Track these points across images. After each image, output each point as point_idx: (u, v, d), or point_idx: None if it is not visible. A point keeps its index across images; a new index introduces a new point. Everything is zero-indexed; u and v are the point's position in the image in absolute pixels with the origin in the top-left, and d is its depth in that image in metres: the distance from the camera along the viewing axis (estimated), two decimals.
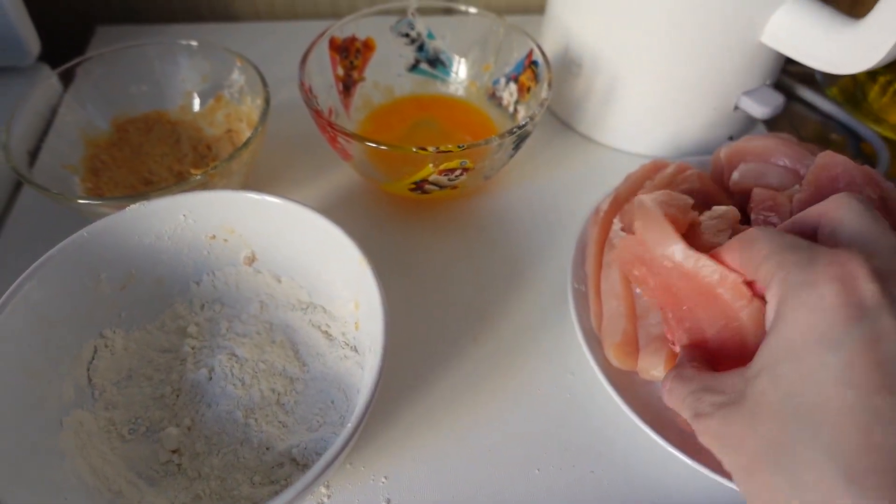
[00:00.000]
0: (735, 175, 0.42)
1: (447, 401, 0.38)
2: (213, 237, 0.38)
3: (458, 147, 0.39)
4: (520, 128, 0.40)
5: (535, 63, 0.46)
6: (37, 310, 0.33)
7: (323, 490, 0.35)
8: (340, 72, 0.49)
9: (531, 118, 0.41)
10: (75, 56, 0.47)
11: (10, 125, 0.41)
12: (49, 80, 0.45)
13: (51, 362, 0.34)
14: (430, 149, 0.39)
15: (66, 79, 0.46)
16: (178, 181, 0.47)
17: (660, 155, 0.52)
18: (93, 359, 0.36)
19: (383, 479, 0.35)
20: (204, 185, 0.40)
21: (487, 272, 0.45)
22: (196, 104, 0.50)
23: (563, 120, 0.55)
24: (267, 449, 0.34)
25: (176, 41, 0.48)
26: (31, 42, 0.52)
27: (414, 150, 0.39)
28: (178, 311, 0.39)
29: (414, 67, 0.52)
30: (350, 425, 0.28)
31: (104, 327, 0.37)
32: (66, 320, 0.35)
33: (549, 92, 0.43)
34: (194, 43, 0.47)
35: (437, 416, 0.38)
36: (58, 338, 0.35)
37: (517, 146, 0.43)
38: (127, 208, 0.36)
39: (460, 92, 0.52)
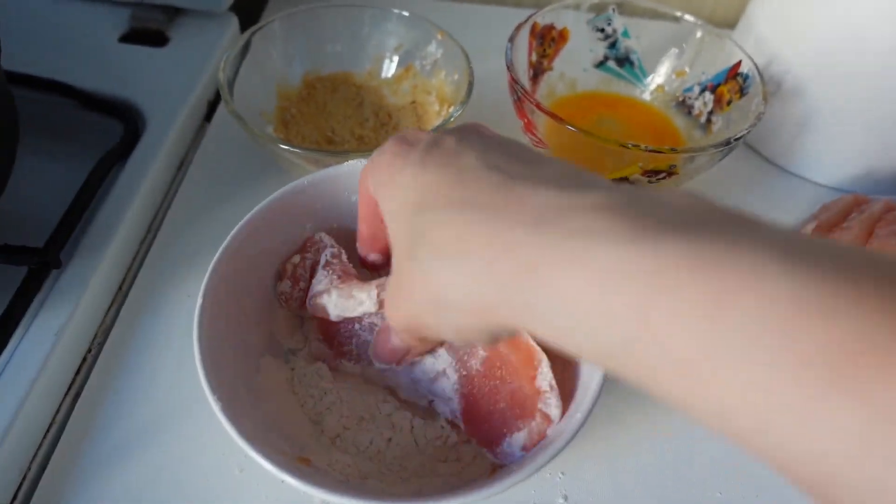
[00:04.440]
0: None
1: (629, 403, 0.37)
2: None
3: (672, 150, 0.38)
4: (736, 139, 0.39)
5: (742, 75, 0.45)
6: (250, 251, 0.34)
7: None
8: (534, 58, 0.48)
9: (749, 129, 0.39)
10: (256, 7, 0.46)
11: (227, 74, 0.42)
12: (264, 27, 0.45)
13: (254, 301, 0.35)
14: (643, 146, 0.38)
15: (275, 28, 0.46)
16: (359, 145, 0.47)
17: (847, 189, 0.49)
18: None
19: (560, 475, 0.35)
20: None
21: None
22: (384, 71, 0.50)
23: (745, 140, 0.53)
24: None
25: (389, 8, 0.48)
26: None
27: (629, 145, 0.38)
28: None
29: (601, 64, 0.51)
30: (580, 414, 0.27)
31: None
32: (269, 265, 0.35)
33: (763, 105, 0.41)
34: (406, 13, 0.47)
35: (619, 418, 0.37)
36: (264, 279, 0.35)
37: (722, 157, 0.41)
38: (346, 162, 0.36)
39: (645, 95, 0.51)
